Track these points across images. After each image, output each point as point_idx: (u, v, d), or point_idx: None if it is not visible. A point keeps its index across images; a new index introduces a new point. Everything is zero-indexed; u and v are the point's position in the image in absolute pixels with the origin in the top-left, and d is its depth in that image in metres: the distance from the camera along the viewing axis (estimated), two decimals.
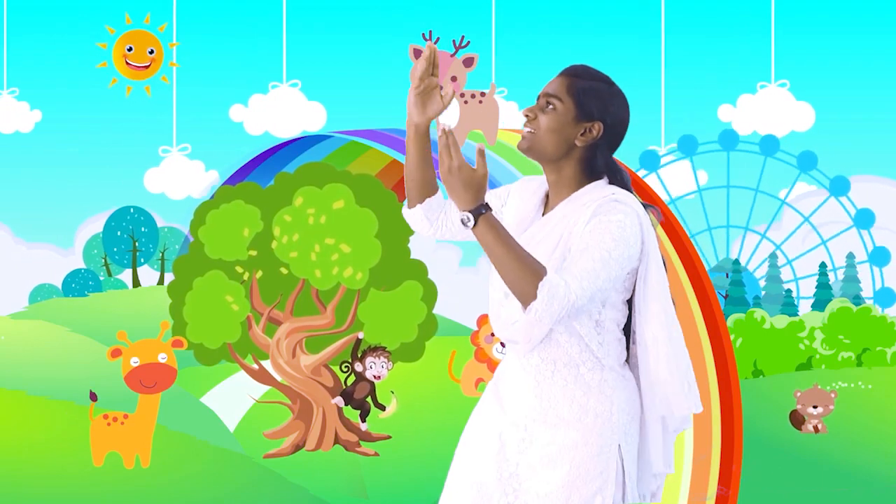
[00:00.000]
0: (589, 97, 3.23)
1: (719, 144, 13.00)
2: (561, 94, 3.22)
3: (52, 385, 7.73)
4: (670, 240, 6.78)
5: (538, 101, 3.26)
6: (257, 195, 7.23)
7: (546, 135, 3.21)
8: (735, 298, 12.20)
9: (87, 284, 11.99)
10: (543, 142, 3.21)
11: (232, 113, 10.17)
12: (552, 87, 3.25)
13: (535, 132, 3.22)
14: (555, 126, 3.21)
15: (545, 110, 3.22)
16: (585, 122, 3.22)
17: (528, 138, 3.22)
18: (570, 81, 3.24)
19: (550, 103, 3.22)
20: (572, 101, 3.22)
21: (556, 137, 3.21)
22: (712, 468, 6.42)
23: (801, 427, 8.37)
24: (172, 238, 12.29)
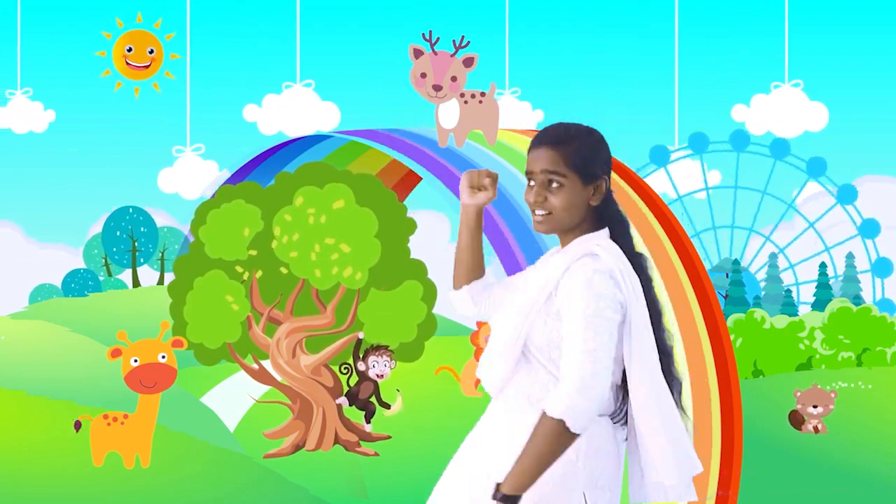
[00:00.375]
0: (588, 161, 3.24)
1: (730, 144, 13.00)
2: (561, 170, 3.23)
3: (52, 385, 7.74)
4: (670, 240, 6.78)
5: (536, 178, 3.25)
6: (258, 195, 7.23)
7: (563, 213, 3.25)
8: (735, 298, 12.21)
9: (87, 284, 11.99)
10: (563, 220, 3.25)
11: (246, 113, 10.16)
12: (547, 162, 3.23)
13: (551, 213, 3.24)
14: (568, 203, 3.24)
15: (551, 189, 3.23)
16: (592, 185, 3.25)
17: (547, 221, 3.25)
18: (563, 153, 3.23)
19: (554, 181, 3.23)
20: (575, 173, 3.23)
21: (572, 211, 3.25)
22: (712, 468, 6.43)
23: (801, 427, 8.37)
24: (172, 238, 12.29)
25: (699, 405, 6.46)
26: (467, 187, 3.41)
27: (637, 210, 6.88)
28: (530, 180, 3.27)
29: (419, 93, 6.52)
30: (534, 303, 3.19)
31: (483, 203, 3.41)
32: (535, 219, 3.26)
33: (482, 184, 3.40)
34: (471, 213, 3.43)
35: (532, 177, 3.25)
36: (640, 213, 6.87)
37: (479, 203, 3.41)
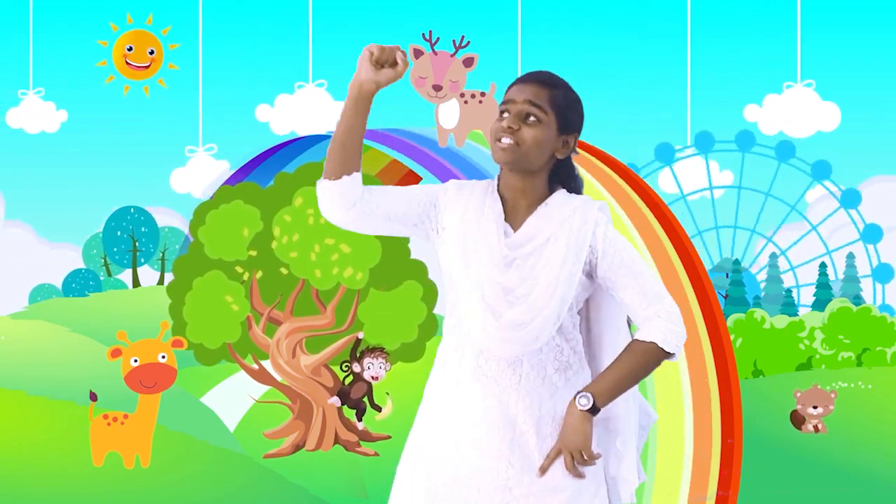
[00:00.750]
0: (570, 111, 3.19)
1: (736, 144, 13.00)
2: (544, 106, 3.15)
3: (52, 385, 7.73)
4: (670, 240, 6.78)
5: (513, 109, 3.15)
6: (257, 195, 7.23)
7: (531, 149, 3.14)
8: (735, 298, 12.21)
9: (88, 284, 11.99)
10: (528, 156, 3.14)
11: (258, 113, 10.15)
12: (532, 94, 3.15)
13: (519, 145, 3.13)
14: (541, 140, 3.14)
15: (528, 122, 3.13)
16: (564, 135, 3.19)
17: (512, 150, 3.13)
18: (551, 93, 3.16)
19: (533, 115, 3.14)
20: (555, 114, 3.16)
21: (540, 151, 3.15)
22: (712, 468, 6.42)
23: (801, 427, 8.37)
24: (173, 238, 12.29)
25: (699, 405, 6.46)
26: (371, 62, 3.09)
27: (637, 210, 6.88)
28: (504, 112, 3.15)
29: (419, 93, 6.52)
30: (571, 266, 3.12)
31: (387, 82, 3.12)
32: (499, 146, 3.13)
33: (392, 58, 3.10)
34: (367, 91, 3.11)
35: (509, 107, 3.14)
36: (641, 213, 6.87)
37: (382, 81, 3.11)
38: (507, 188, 3.20)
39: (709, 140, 12.96)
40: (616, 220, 6.73)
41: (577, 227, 3.15)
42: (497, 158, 3.15)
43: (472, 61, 6.46)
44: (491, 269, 3.13)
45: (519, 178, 3.18)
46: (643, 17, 13.17)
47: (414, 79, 6.43)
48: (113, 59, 7.98)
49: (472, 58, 6.46)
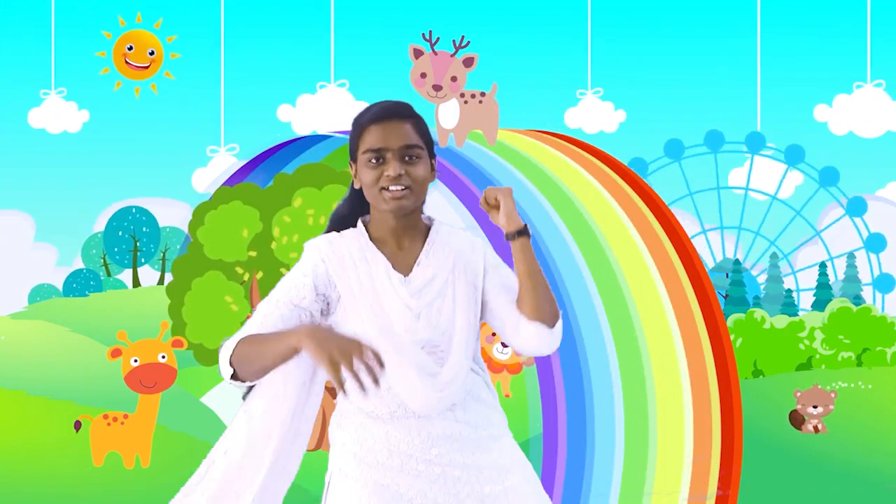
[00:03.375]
0: (428, 134, 3.14)
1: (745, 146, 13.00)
2: (418, 142, 3.08)
3: (52, 385, 7.74)
4: (670, 240, 6.78)
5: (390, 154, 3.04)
6: (256, 196, 7.24)
7: (422, 186, 3.08)
8: (735, 298, 12.20)
9: (88, 284, 11.99)
10: (422, 193, 3.09)
11: (280, 113, 10.14)
12: (402, 135, 3.05)
13: (410, 188, 3.04)
14: (426, 174, 3.09)
15: (411, 162, 3.05)
16: (432, 159, 3.14)
17: (409, 196, 3.04)
18: (414, 125, 3.09)
19: (413, 154, 3.06)
20: (425, 144, 3.10)
21: (426, 184, 3.12)
22: (712, 468, 6.43)
23: (801, 427, 8.37)
24: (174, 238, 12.28)
25: (699, 405, 6.46)
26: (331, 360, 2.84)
27: (637, 210, 6.88)
28: (374, 159, 3.04)
29: (419, 93, 6.52)
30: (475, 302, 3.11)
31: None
32: (389, 195, 3.03)
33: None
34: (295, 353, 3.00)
35: (382, 154, 3.04)
36: (641, 213, 6.87)
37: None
38: (386, 232, 3.11)
39: (719, 139, 12.96)
40: (616, 219, 6.73)
41: (469, 258, 3.13)
42: (391, 208, 3.04)
43: (473, 61, 6.46)
44: (405, 330, 3.02)
45: (403, 220, 3.10)
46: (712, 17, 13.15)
47: (414, 78, 6.44)
48: (113, 59, 7.99)
49: (472, 58, 6.46)
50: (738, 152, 13.04)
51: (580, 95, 10.45)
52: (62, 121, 9.72)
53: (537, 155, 7.20)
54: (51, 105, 9.52)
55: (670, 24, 13.30)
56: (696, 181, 13.33)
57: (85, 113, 9.76)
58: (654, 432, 6.33)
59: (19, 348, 8.46)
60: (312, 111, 9.65)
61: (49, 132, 9.74)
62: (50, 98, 9.30)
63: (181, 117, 12.51)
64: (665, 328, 6.51)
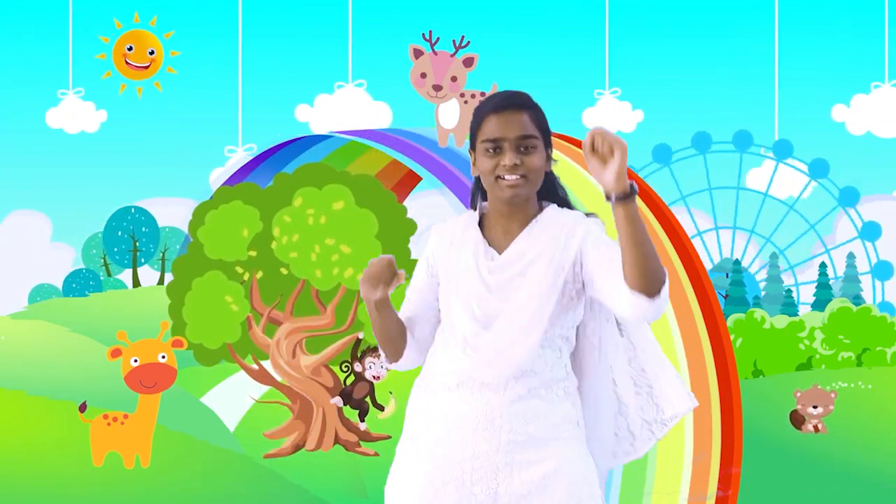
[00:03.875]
0: (546, 123, 3.19)
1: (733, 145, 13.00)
2: (535, 132, 3.14)
3: (52, 385, 7.74)
4: (670, 240, 6.78)
5: (506, 145, 3.11)
6: (256, 196, 7.24)
7: (538, 175, 3.14)
8: (735, 298, 12.20)
9: (88, 284, 11.99)
10: (536, 183, 3.15)
11: (298, 113, 10.15)
12: (521, 127, 3.12)
13: (526, 176, 3.11)
14: (542, 165, 3.14)
15: (527, 152, 3.12)
16: (549, 149, 3.19)
17: (524, 185, 3.12)
18: (532, 115, 3.15)
19: (528, 145, 3.12)
20: (541, 134, 3.15)
21: (543, 174, 3.16)
22: (712, 468, 6.43)
23: (801, 427, 8.37)
24: (173, 238, 12.28)
25: (699, 405, 6.46)
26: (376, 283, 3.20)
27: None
28: (494, 148, 3.12)
29: (419, 93, 6.52)
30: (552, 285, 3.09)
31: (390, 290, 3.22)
32: (505, 183, 3.10)
33: (388, 277, 3.20)
34: (377, 304, 3.22)
35: (499, 143, 3.11)
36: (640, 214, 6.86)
37: (385, 294, 3.21)
38: (498, 215, 3.19)
39: (706, 141, 12.96)
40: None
41: (564, 244, 3.12)
42: (505, 196, 3.12)
43: (472, 61, 6.46)
44: (468, 298, 3.13)
45: (515, 207, 3.17)
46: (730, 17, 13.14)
47: (414, 79, 6.44)
48: (113, 60, 7.99)
49: (472, 58, 6.46)
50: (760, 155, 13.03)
51: (598, 95, 10.46)
52: (80, 121, 9.71)
53: None
54: (68, 105, 9.51)
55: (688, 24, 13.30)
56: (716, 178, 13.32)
57: (103, 113, 9.76)
58: None
59: (19, 348, 8.45)
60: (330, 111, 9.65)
61: (67, 132, 9.73)
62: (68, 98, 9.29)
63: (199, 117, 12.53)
64: (665, 328, 6.51)
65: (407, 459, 3.24)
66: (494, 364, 3.10)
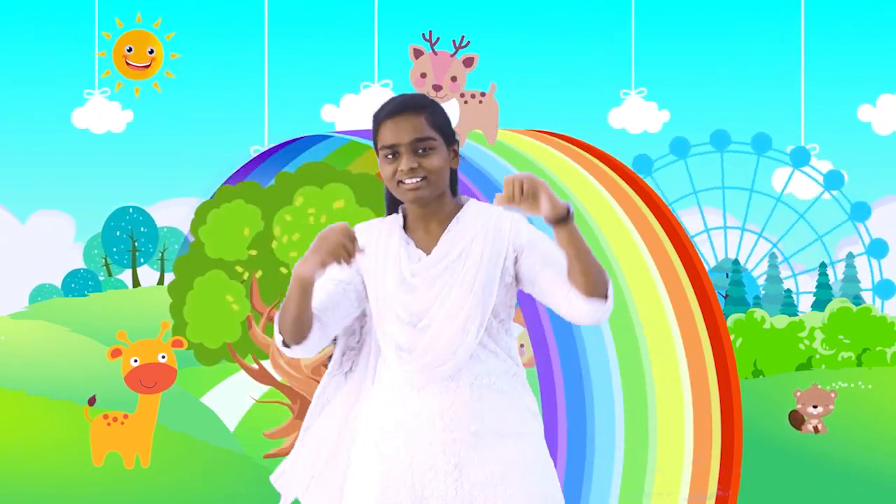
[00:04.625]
0: (445, 122, 3.19)
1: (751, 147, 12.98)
2: (430, 133, 3.14)
3: (52, 385, 7.74)
4: (670, 240, 6.78)
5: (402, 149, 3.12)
6: (258, 195, 7.24)
7: (438, 175, 3.13)
8: (735, 298, 12.20)
9: (87, 284, 11.99)
10: (438, 183, 3.14)
11: (324, 113, 10.13)
12: (415, 130, 3.12)
13: (427, 178, 3.12)
14: (442, 164, 3.13)
15: (422, 155, 3.13)
16: (452, 147, 3.19)
17: (425, 186, 3.12)
18: (428, 116, 3.14)
19: (426, 146, 3.13)
20: (438, 133, 3.15)
21: (445, 173, 3.15)
22: (712, 468, 6.43)
23: (801, 427, 8.37)
24: (172, 238, 12.29)
25: (699, 405, 6.46)
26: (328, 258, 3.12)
27: (637, 210, 6.88)
28: (389, 154, 3.13)
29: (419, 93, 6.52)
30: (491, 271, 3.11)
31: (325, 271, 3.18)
32: (405, 187, 3.12)
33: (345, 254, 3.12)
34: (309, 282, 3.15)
35: (395, 149, 3.12)
36: (641, 213, 6.87)
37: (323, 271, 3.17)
38: (416, 217, 3.20)
39: (724, 139, 12.94)
40: (616, 219, 6.73)
41: (493, 237, 3.15)
42: (409, 199, 3.14)
43: (472, 61, 6.47)
44: (395, 302, 3.13)
45: (427, 208, 3.18)
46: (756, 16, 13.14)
47: (414, 79, 6.44)
48: (113, 59, 7.99)
49: (472, 58, 6.47)
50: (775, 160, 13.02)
51: (624, 95, 10.45)
52: (106, 121, 9.67)
53: (537, 155, 7.20)
54: (94, 105, 9.48)
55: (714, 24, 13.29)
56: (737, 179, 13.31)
57: (129, 113, 9.72)
58: (654, 432, 6.33)
59: (19, 348, 8.45)
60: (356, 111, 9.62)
61: (93, 132, 9.71)
62: (94, 98, 9.26)
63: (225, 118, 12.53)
64: (665, 328, 6.51)
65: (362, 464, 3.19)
66: (434, 364, 3.10)
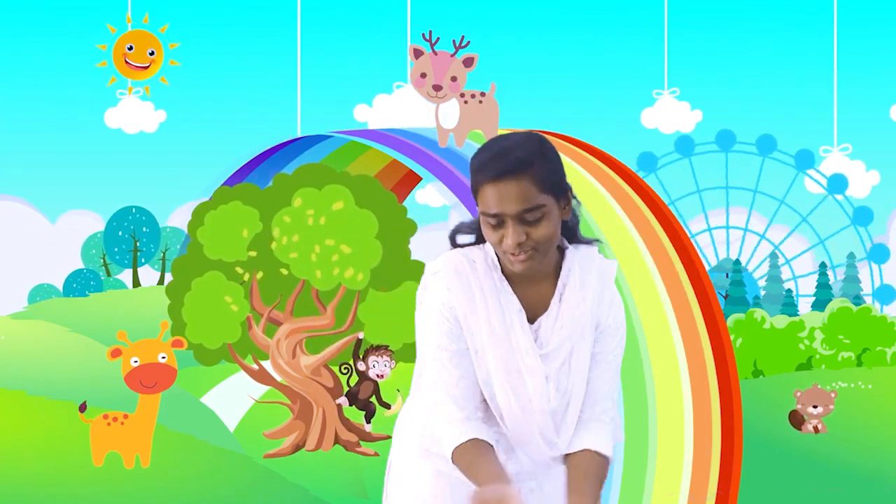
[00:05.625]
0: (555, 175, 2.76)
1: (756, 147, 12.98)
2: (537, 200, 2.71)
3: (52, 385, 7.74)
4: (670, 240, 6.78)
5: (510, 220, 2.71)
6: (256, 196, 7.24)
7: (550, 242, 2.75)
8: (735, 298, 12.19)
9: (88, 284, 11.98)
10: (550, 249, 2.77)
11: (356, 113, 10.12)
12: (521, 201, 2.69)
13: (538, 249, 2.73)
14: (552, 231, 2.75)
15: (533, 223, 2.72)
16: (563, 201, 2.79)
17: (535, 258, 2.74)
18: (534, 176, 2.71)
19: (533, 217, 2.71)
20: (550, 195, 2.74)
21: (556, 237, 2.78)
22: (712, 468, 6.43)
23: (801, 427, 8.37)
24: (174, 238, 12.29)
25: (699, 405, 6.46)
26: None
27: (637, 210, 6.88)
28: (493, 220, 2.73)
29: (419, 93, 6.52)
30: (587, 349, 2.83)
31: None
32: (516, 260, 2.73)
33: None
34: None
35: (500, 218, 2.72)
36: (641, 213, 6.87)
37: None
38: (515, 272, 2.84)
39: (730, 139, 12.94)
40: (616, 219, 6.73)
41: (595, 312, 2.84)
42: (518, 270, 2.76)
43: (472, 61, 6.46)
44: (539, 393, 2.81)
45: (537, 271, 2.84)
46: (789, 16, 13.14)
47: (414, 79, 6.44)
48: (113, 60, 7.99)
49: (472, 58, 6.46)
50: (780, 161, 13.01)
51: (656, 95, 10.46)
52: (139, 121, 9.67)
53: None
54: (127, 105, 9.48)
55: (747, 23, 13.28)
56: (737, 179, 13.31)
57: (161, 113, 9.72)
58: (654, 432, 6.33)
59: (19, 348, 8.45)
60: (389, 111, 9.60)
61: (125, 132, 9.70)
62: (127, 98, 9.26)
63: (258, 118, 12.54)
64: (665, 328, 6.51)
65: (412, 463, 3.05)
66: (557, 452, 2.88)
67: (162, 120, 9.70)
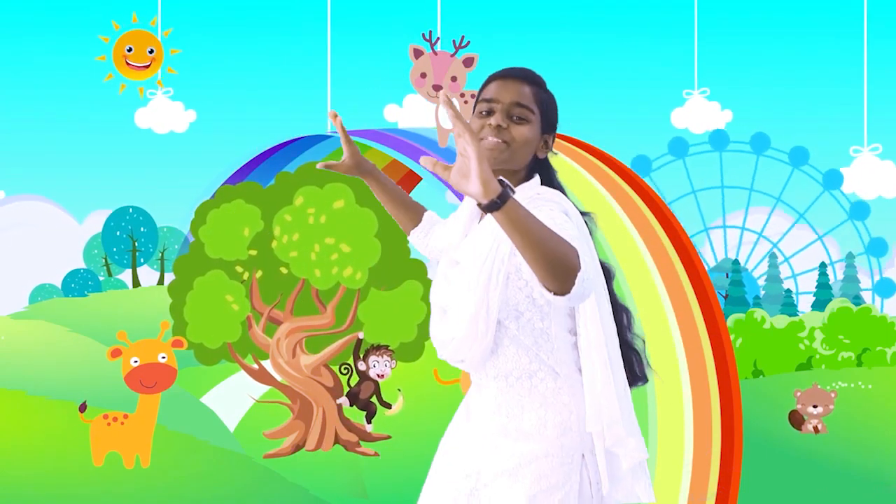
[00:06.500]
0: (551, 109, 3.11)
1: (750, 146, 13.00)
2: (531, 105, 3.05)
3: (52, 385, 7.74)
4: (670, 240, 6.78)
5: (499, 108, 3.04)
6: (258, 195, 7.24)
7: (522, 147, 3.04)
8: (735, 298, 12.20)
9: (87, 284, 11.99)
10: (518, 155, 3.05)
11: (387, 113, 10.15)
12: (517, 93, 3.05)
13: (508, 144, 3.02)
14: (530, 138, 3.05)
15: (515, 120, 3.03)
16: (546, 135, 3.11)
17: (500, 150, 3.01)
18: (535, 92, 3.07)
19: (520, 115, 3.04)
20: (539, 113, 3.07)
21: (528, 150, 3.07)
22: (712, 468, 6.43)
23: (801, 427, 8.37)
24: (172, 238, 12.29)
25: (699, 405, 6.46)
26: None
27: (637, 210, 6.88)
28: (486, 111, 3.05)
29: (419, 93, 6.52)
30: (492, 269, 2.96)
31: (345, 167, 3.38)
32: (486, 145, 3.00)
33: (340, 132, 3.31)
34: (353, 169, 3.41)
35: (493, 105, 3.04)
36: (641, 213, 6.87)
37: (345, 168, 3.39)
38: None
39: (723, 139, 12.95)
40: (616, 220, 6.73)
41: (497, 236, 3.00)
42: (489, 158, 3.02)
43: (472, 61, 6.46)
44: (436, 280, 3.14)
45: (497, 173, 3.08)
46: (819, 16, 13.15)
47: (414, 78, 6.44)
48: (113, 61, 7.99)
49: (472, 58, 6.46)
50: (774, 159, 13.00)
51: (686, 95, 10.50)
52: (169, 121, 9.68)
53: None
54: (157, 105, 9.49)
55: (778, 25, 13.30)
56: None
57: (192, 113, 9.73)
58: (654, 432, 6.34)
59: (19, 348, 8.45)
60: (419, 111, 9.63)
61: (156, 132, 9.72)
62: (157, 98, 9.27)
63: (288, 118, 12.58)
64: (665, 328, 6.51)
65: None
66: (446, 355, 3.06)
67: (192, 120, 9.73)
